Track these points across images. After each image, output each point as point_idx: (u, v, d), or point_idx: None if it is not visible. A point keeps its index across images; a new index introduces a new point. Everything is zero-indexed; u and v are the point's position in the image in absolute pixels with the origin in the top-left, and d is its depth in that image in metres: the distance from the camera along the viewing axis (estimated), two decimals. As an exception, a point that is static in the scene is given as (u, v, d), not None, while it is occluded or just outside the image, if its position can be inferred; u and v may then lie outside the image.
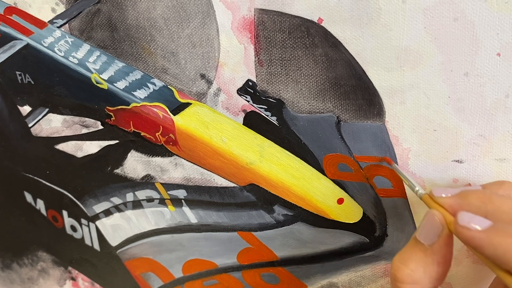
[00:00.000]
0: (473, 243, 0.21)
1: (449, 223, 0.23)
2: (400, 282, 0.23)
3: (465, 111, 0.26)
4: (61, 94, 0.35)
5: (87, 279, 0.43)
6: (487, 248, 0.20)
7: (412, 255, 0.24)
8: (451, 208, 0.23)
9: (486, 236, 0.21)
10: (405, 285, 0.23)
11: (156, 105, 0.33)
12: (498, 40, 0.25)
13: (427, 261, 0.23)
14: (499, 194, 0.23)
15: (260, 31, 0.29)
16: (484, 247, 0.21)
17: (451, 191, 0.24)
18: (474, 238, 0.21)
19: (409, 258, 0.23)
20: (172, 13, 0.30)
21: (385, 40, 0.26)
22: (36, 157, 0.39)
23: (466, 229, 0.21)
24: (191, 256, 0.37)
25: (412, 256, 0.23)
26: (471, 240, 0.21)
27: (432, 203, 0.24)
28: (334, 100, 0.29)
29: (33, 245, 0.44)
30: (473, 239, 0.21)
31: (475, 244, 0.21)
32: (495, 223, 0.21)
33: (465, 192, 0.24)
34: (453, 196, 0.24)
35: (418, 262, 0.23)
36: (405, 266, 0.23)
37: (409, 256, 0.24)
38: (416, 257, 0.23)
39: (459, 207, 0.23)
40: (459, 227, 0.22)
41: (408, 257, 0.24)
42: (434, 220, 0.23)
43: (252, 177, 0.32)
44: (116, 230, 0.39)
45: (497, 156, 0.27)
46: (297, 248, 0.34)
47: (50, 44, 0.34)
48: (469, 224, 0.21)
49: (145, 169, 0.36)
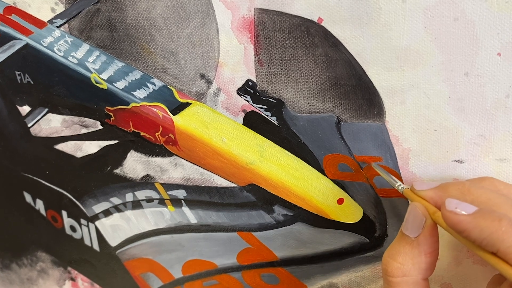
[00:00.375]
0: (460, 227, 0.22)
1: (431, 213, 0.24)
2: (390, 276, 0.24)
3: (465, 111, 0.26)
4: (61, 94, 0.35)
5: (87, 280, 0.43)
6: (473, 232, 0.21)
7: (400, 248, 0.24)
8: (432, 200, 0.24)
9: (472, 220, 0.21)
10: (396, 279, 0.24)
11: (155, 105, 0.33)
12: (499, 40, 0.25)
13: (414, 253, 0.24)
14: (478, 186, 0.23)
15: (260, 30, 0.29)
16: (471, 231, 0.21)
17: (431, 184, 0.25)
18: (461, 222, 0.21)
19: (397, 252, 0.24)
20: (171, 13, 0.30)
21: (385, 40, 0.26)
22: (36, 157, 0.39)
23: (453, 214, 0.22)
24: (190, 256, 0.37)
25: (399, 250, 0.24)
26: (458, 224, 0.22)
27: (414, 196, 0.25)
28: (334, 100, 0.29)
29: (33, 246, 0.44)
30: (460, 223, 0.21)
31: (461, 228, 0.21)
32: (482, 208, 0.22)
33: (445, 184, 0.24)
34: (433, 189, 0.24)
35: (405, 255, 0.24)
36: (394, 260, 0.24)
37: (397, 250, 0.24)
38: (404, 250, 0.24)
39: (439, 199, 0.24)
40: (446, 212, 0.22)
41: (396, 251, 0.24)
42: (417, 212, 0.24)
43: (252, 177, 0.32)
44: (115, 230, 0.39)
45: (498, 156, 0.27)
46: (297, 249, 0.34)
47: (49, 44, 0.34)
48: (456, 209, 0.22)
49: (145, 169, 0.36)
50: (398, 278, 0.24)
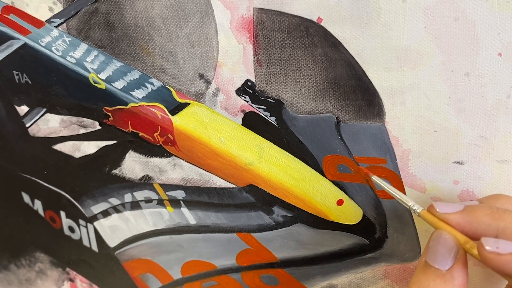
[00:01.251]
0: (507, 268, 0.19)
1: (462, 243, 0.22)
2: None
3: (466, 112, 0.26)
4: (59, 94, 0.35)
5: (85, 280, 0.43)
6: None
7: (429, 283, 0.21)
8: (459, 226, 0.22)
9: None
10: None
11: (154, 105, 0.33)
12: (499, 40, 0.24)
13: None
14: (508, 210, 0.22)
15: (259, 30, 0.28)
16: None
17: (455, 207, 0.22)
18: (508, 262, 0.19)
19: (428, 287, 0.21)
20: (170, 13, 0.30)
21: (385, 40, 0.26)
22: (34, 157, 0.38)
23: (496, 255, 0.20)
24: (189, 257, 0.37)
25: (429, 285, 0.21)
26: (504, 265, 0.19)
27: (437, 221, 0.23)
28: (333, 101, 0.29)
29: (31, 246, 0.44)
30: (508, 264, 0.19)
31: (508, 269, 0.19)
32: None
33: (471, 207, 0.22)
34: (459, 213, 0.22)
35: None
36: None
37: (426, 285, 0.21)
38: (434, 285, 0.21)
39: (468, 225, 0.22)
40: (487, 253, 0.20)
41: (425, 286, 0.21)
42: (445, 241, 0.22)
43: (251, 178, 0.32)
44: (114, 231, 0.39)
45: (498, 158, 0.27)
46: (297, 250, 0.34)
47: (47, 44, 0.34)
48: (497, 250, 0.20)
49: (143, 170, 0.36)
50: None
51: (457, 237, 0.22)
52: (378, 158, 0.29)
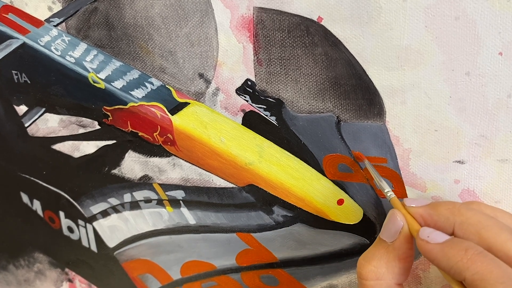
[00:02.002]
0: (430, 255, 0.23)
1: (413, 230, 0.24)
2: (364, 278, 0.25)
3: (466, 111, 0.26)
4: (58, 93, 0.35)
5: (84, 281, 0.43)
6: (442, 260, 0.22)
7: (375, 252, 0.25)
8: (421, 218, 0.25)
9: (441, 249, 0.22)
10: (369, 282, 0.24)
11: (154, 105, 0.33)
12: (500, 39, 0.24)
13: (389, 257, 0.24)
14: (469, 207, 0.24)
15: (259, 30, 0.28)
16: (440, 259, 0.22)
17: (423, 202, 0.25)
18: (431, 250, 0.22)
19: (372, 256, 0.25)
20: (170, 12, 0.30)
21: (385, 39, 0.26)
22: (33, 157, 0.38)
23: (425, 242, 0.23)
24: (189, 257, 0.37)
25: (375, 254, 0.25)
26: (428, 252, 0.23)
27: (400, 207, 0.25)
28: (334, 100, 0.29)
29: (30, 247, 0.44)
30: (430, 252, 0.23)
31: (432, 256, 0.23)
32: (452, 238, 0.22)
33: (436, 203, 0.25)
34: (424, 206, 0.25)
35: (380, 258, 0.25)
36: (368, 263, 0.25)
37: (372, 254, 0.25)
38: (379, 254, 0.25)
39: (429, 217, 0.24)
40: (419, 240, 0.23)
41: (372, 255, 0.25)
42: (394, 218, 0.25)
43: (251, 177, 0.32)
44: (113, 231, 0.39)
45: (499, 157, 0.27)
46: (297, 250, 0.33)
47: (46, 43, 0.34)
48: (427, 238, 0.23)
49: (143, 170, 0.35)
50: (372, 281, 0.24)
51: (410, 224, 0.24)
52: (378, 157, 0.29)
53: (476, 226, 0.23)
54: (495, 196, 0.28)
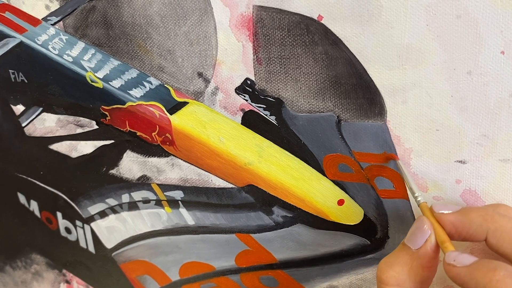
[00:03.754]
0: (458, 280, 0.22)
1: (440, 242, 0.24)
2: (384, 284, 0.24)
3: (468, 110, 0.26)
4: (55, 93, 0.35)
5: (82, 282, 0.43)
6: (470, 284, 0.21)
7: (398, 258, 0.24)
8: (452, 225, 0.24)
9: (468, 272, 0.21)
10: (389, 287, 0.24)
11: (152, 104, 0.32)
12: (502, 37, 0.24)
13: (412, 265, 0.24)
14: (501, 213, 0.23)
15: (258, 28, 0.28)
16: (468, 283, 0.21)
17: (453, 208, 0.24)
18: (459, 275, 0.22)
19: (395, 261, 0.24)
20: (168, 10, 0.30)
21: (386, 38, 0.26)
22: (30, 157, 0.38)
23: (452, 267, 0.22)
24: (188, 258, 0.37)
25: (398, 259, 0.24)
26: (456, 277, 0.22)
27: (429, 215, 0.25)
28: (334, 99, 0.29)
29: (27, 248, 0.44)
30: (458, 276, 0.22)
31: (460, 281, 0.22)
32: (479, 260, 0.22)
33: (467, 209, 0.24)
34: (455, 213, 0.24)
35: (403, 265, 0.24)
36: (390, 268, 0.24)
37: (395, 259, 0.24)
38: (402, 260, 0.24)
39: (461, 224, 0.24)
40: (446, 265, 0.22)
41: (394, 260, 0.24)
42: (422, 225, 0.24)
43: (250, 177, 0.32)
44: (111, 232, 0.38)
45: (501, 157, 0.27)
46: (297, 251, 0.33)
47: (44, 42, 0.34)
48: (453, 262, 0.22)
49: (141, 170, 0.35)
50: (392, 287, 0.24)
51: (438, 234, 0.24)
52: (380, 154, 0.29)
53: (510, 234, 0.22)
54: (497, 196, 0.28)
